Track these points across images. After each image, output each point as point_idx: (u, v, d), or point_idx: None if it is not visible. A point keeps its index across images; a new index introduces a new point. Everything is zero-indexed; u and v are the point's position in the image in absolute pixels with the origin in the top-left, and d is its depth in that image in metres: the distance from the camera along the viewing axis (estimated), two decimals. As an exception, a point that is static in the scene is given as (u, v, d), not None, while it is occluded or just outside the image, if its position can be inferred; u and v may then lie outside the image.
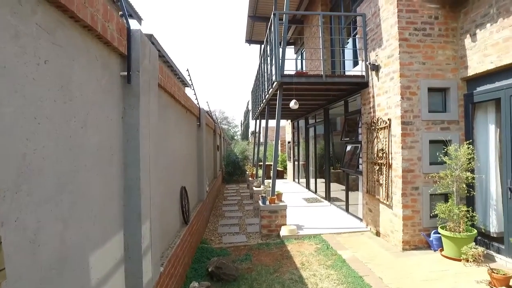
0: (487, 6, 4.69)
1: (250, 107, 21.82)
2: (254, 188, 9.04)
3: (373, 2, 6.05)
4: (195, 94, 7.04)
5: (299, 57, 13.70)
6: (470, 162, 4.84)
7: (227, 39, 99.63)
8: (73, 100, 1.73)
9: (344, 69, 8.37)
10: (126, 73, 2.40)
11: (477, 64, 4.91)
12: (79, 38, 1.81)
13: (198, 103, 7.17)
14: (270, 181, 7.08)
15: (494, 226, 4.87)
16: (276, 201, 6.68)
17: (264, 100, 8.57)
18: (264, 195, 6.81)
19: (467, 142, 5.04)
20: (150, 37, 12.60)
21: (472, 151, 4.90)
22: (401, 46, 5.24)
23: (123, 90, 2.42)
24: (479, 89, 5.07)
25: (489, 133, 4.99)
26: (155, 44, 13.15)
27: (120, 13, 2.44)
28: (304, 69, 12.35)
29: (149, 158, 2.67)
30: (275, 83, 6.43)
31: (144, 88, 2.58)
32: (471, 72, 5.04)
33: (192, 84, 7.73)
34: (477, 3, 4.89)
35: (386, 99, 5.62)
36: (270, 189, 6.82)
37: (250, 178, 12.20)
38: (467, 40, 5.10)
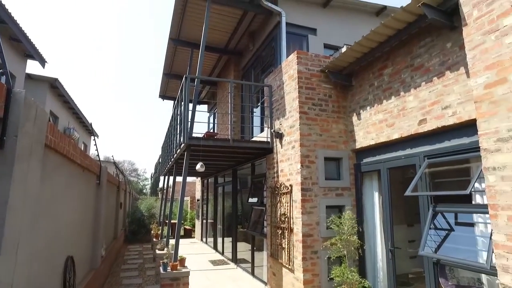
0: (366, 92, 5.57)
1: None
2: (157, 251, 8.42)
3: (279, 76, 6.67)
4: (97, 150, 6.56)
5: (212, 116, 14.05)
6: (354, 227, 5.30)
7: (144, 90, 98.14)
8: None
9: (252, 134, 8.82)
10: (-1, 137, 2.12)
11: (362, 139, 5.64)
12: None
13: (99, 160, 6.66)
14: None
15: (381, 286, 5.28)
16: (178, 267, 6.27)
17: (172, 159, 8.39)
18: (165, 260, 6.35)
19: (348, 209, 5.58)
20: (55, 81, 11.70)
21: (353, 216, 5.39)
22: (301, 118, 5.78)
23: (-8, 157, 2.11)
24: (365, 160, 5.77)
25: (375, 200, 5.62)
26: (60, 88, 12.20)
27: (1, 71, 2.21)
28: (216, 129, 12.65)
29: (18, 234, 2.29)
30: (183, 144, 6.40)
31: (23, 153, 2.30)
32: (358, 145, 5.75)
33: (95, 139, 7.23)
34: (360, 89, 5.77)
35: (288, 165, 6.00)
36: (173, 252, 6.41)
37: (154, 239, 11.40)
38: (354, 118, 5.88)
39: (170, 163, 9.43)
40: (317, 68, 6.09)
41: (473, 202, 4.07)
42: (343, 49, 6.31)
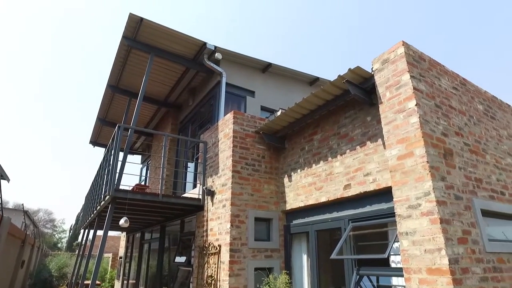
0: (298, 155, 5.85)
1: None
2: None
3: (215, 134, 6.74)
4: (0, 197, 5.78)
5: (145, 168, 13.50)
6: (287, 291, 5.19)
7: (72, 134, 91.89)
8: None
9: (185, 190, 8.57)
10: None
11: (292, 200, 5.77)
12: None
13: (1, 209, 5.85)
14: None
15: None
16: None
17: (95, 211, 7.70)
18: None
19: (285, 271, 5.49)
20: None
21: (289, 280, 5.31)
22: (234, 177, 5.79)
23: None
24: (294, 222, 5.85)
25: (303, 262, 5.62)
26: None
27: None
28: (147, 181, 12.09)
29: None
30: (108, 196, 5.95)
31: None
32: (288, 206, 5.85)
33: None
34: (291, 152, 6.05)
35: (218, 224, 5.84)
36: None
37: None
38: (286, 179, 6.05)
39: (92, 215, 8.62)
40: (253, 129, 6.30)
41: (396, 266, 4.26)
42: (278, 113, 6.67)
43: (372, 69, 4.34)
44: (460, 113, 4.19)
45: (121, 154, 6.58)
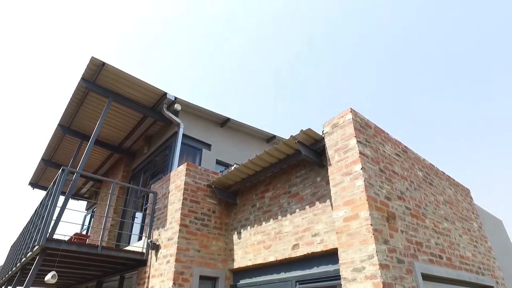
0: (248, 212, 5.77)
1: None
2: None
3: (166, 184, 6.53)
4: None
5: (89, 216, 12.56)
6: None
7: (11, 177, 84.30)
8: None
9: (129, 242, 8.00)
10: None
11: (241, 259, 5.56)
12: None
13: None
14: None
15: None
16: None
17: (18, 263, 6.85)
18: None
19: None
20: None
21: None
22: (181, 231, 5.52)
23: None
24: (242, 281, 5.57)
25: (248, 328, 5.26)
26: None
27: None
28: (90, 230, 11.19)
29: None
30: (37, 247, 5.36)
31: None
32: (236, 265, 5.61)
33: None
34: (243, 208, 5.97)
35: (160, 282, 5.41)
36: None
37: None
38: (235, 236, 5.88)
39: (14, 269, 7.64)
40: (205, 182, 6.20)
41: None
42: (233, 168, 6.67)
43: (322, 132, 4.56)
44: (402, 178, 4.44)
45: (62, 199, 6.10)
